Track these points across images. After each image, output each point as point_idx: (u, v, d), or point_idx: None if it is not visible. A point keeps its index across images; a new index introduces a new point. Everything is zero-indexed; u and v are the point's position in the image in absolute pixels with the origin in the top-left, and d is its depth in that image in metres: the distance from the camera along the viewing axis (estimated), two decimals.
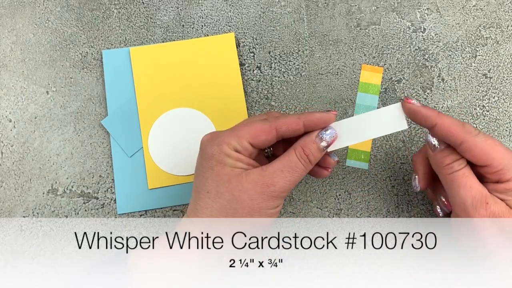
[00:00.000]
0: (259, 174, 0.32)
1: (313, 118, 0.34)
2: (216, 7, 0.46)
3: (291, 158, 0.33)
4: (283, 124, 0.33)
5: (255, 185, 0.32)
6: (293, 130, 0.34)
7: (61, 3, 0.47)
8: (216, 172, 0.33)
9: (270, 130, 0.33)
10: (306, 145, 0.34)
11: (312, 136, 0.34)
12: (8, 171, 0.43)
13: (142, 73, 0.45)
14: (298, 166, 0.33)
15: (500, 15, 0.46)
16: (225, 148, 0.33)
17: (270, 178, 0.32)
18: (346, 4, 0.46)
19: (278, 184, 0.32)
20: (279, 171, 0.33)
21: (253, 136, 0.33)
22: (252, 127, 0.33)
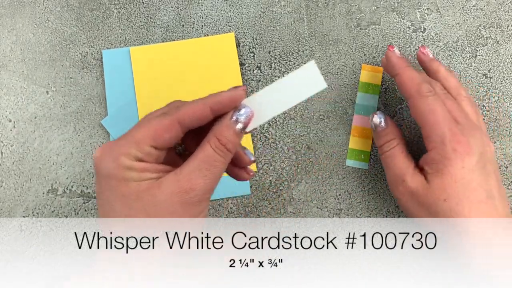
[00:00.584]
0: (173, 181, 0.28)
1: (220, 99, 0.29)
2: (216, 7, 0.46)
3: (207, 153, 0.28)
4: (186, 114, 0.29)
5: (171, 195, 0.27)
6: (199, 119, 0.29)
7: (61, 3, 0.47)
8: (120, 192, 0.27)
9: (172, 125, 0.28)
10: (221, 133, 0.29)
11: (225, 120, 0.29)
12: (8, 171, 0.43)
13: (142, 73, 0.45)
14: (216, 160, 0.28)
15: (500, 15, 0.46)
16: (123, 160, 0.27)
17: (187, 181, 0.27)
18: (346, 4, 0.46)
19: (199, 186, 0.28)
20: (197, 171, 0.28)
21: (153, 138, 0.28)
22: (150, 126, 0.28)
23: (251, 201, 0.42)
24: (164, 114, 0.29)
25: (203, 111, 0.29)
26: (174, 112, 0.29)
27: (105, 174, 0.28)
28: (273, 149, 0.43)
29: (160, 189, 0.27)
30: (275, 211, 0.42)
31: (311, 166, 0.43)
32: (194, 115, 0.29)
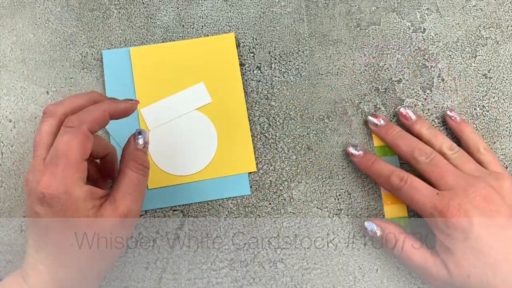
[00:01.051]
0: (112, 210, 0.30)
1: (118, 108, 0.33)
2: (216, 7, 0.47)
3: (131, 177, 0.32)
4: (93, 122, 0.31)
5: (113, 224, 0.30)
6: (101, 124, 0.32)
7: (61, 3, 0.47)
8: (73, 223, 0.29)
9: (88, 136, 0.30)
10: (135, 156, 0.33)
11: (132, 145, 0.33)
12: (8, 171, 0.43)
13: (142, 73, 0.45)
14: (140, 180, 0.32)
15: (500, 15, 0.46)
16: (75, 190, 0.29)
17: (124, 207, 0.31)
18: (346, 4, 0.46)
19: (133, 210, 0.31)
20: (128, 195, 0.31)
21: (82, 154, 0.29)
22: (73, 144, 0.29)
23: (251, 201, 0.43)
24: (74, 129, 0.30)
25: (104, 118, 0.32)
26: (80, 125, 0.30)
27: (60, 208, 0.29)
28: (273, 149, 0.43)
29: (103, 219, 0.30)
30: (275, 211, 0.42)
31: (311, 166, 0.43)
32: (99, 123, 0.31)
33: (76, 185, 0.29)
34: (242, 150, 0.43)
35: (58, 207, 0.29)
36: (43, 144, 0.30)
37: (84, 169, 0.30)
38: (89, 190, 0.30)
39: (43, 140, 0.30)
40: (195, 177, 0.43)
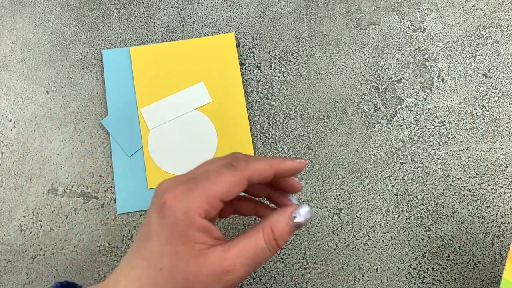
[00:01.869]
0: (219, 258, 0.28)
1: (284, 167, 0.30)
2: (216, 7, 0.47)
3: (258, 244, 0.28)
4: (254, 172, 0.29)
5: (212, 271, 0.27)
6: (263, 179, 0.30)
7: (61, 3, 0.47)
8: (174, 249, 0.28)
9: (242, 182, 0.29)
10: (276, 227, 0.29)
11: (285, 215, 0.30)
12: (8, 171, 0.43)
13: (142, 73, 0.45)
14: (264, 253, 0.29)
15: (500, 15, 0.46)
16: (194, 217, 0.28)
17: (231, 264, 0.28)
18: (346, 4, 0.46)
19: (238, 273, 0.28)
20: (243, 258, 0.28)
21: (225, 194, 0.28)
22: (222, 181, 0.28)
23: None
24: (234, 168, 0.29)
25: (269, 173, 0.30)
26: (244, 168, 0.29)
27: (171, 223, 0.28)
28: (273, 149, 0.43)
29: (205, 262, 0.28)
30: None
31: (311, 166, 0.43)
32: (260, 174, 0.29)
33: (198, 214, 0.28)
34: (242, 149, 0.43)
35: (169, 221, 0.28)
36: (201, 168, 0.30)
37: (217, 207, 0.28)
38: (208, 226, 0.28)
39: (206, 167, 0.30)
40: None
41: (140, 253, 0.29)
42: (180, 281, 0.27)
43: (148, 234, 0.28)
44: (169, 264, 0.27)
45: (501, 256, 0.41)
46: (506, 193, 0.42)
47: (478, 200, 0.42)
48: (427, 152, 0.43)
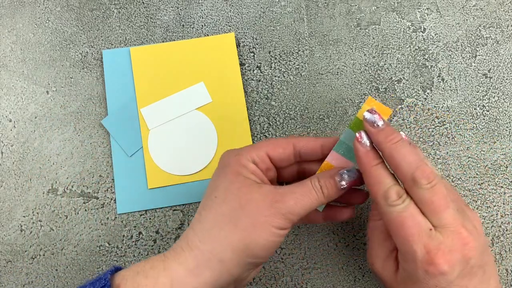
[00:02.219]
0: (271, 189, 0.31)
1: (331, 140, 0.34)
2: (216, 7, 0.47)
3: (305, 184, 0.32)
4: (300, 141, 0.34)
5: (265, 197, 0.31)
6: (310, 148, 0.34)
7: (61, 3, 0.47)
8: (228, 179, 0.32)
9: (288, 143, 0.34)
10: (322, 176, 0.32)
11: (332, 171, 0.33)
12: (8, 171, 0.43)
13: (142, 73, 0.45)
14: (310, 193, 0.32)
15: (500, 15, 0.46)
16: (243, 158, 0.33)
17: (281, 195, 0.31)
18: (346, 4, 0.46)
19: (288, 203, 0.31)
20: (291, 192, 0.31)
21: (271, 149, 0.33)
22: (270, 140, 0.34)
23: None
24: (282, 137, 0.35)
25: (315, 145, 0.34)
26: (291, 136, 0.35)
27: (224, 164, 0.33)
28: None
29: (258, 189, 0.31)
30: None
31: None
32: (306, 144, 0.34)
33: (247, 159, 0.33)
34: None
35: (223, 163, 0.33)
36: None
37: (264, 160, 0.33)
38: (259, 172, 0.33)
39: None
40: (195, 177, 0.43)
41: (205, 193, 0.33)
42: (234, 204, 0.31)
43: (211, 180, 0.34)
44: (223, 191, 0.32)
45: (501, 256, 0.41)
46: (506, 193, 0.42)
47: (478, 200, 0.42)
48: (427, 152, 0.43)
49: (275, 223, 0.30)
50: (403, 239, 0.29)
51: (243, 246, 0.30)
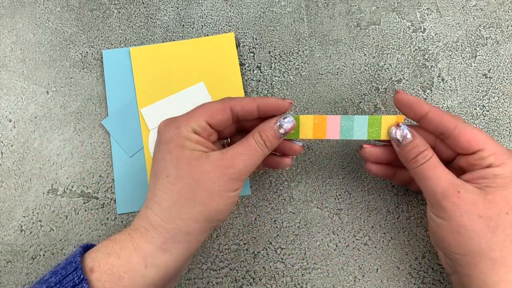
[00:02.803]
0: (219, 157, 0.32)
1: (267, 102, 0.35)
2: (216, 7, 0.47)
3: (249, 142, 0.33)
4: (237, 103, 0.34)
5: (215, 167, 0.32)
6: (247, 111, 0.34)
7: (61, 3, 0.47)
8: (175, 155, 0.32)
9: (225, 109, 0.34)
10: (263, 131, 0.34)
11: (270, 122, 0.34)
12: (8, 171, 0.43)
13: (142, 73, 0.45)
14: (256, 150, 0.33)
15: (500, 15, 0.46)
16: (183, 130, 0.33)
17: (230, 160, 0.32)
18: (346, 4, 0.46)
19: (238, 166, 0.32)
20: (239, 154, 0.33)
21: (209, 116, 0.33)
22: (207, 107, 0.34)
23: (251, 201, 0.42)
24: (218, 101, 0.34)
25: (251, 105, 0.34)
26: (227, 100, 0.34)
27: (166, 138, 0.33)
28: None
29: (207, 160, 0.32)
30: (275, 211, 0.42)
31: (311, 166, 0.43)
32: (243, 106, 0.34)
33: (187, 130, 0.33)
34: None
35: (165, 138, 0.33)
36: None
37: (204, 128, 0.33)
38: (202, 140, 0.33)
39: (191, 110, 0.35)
40: None
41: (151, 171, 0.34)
42: (187, 180, 0.32)
43: (153, 154, 0.34)
44: (173, 169, 0.32)
45: None
46: None
47: None
48: None
49: (229, 188, 0.32)
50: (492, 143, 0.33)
51: (204, 216, 0.32)
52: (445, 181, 0.32)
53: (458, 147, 0.34)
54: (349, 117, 0.35)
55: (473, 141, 0.33)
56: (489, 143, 0.33)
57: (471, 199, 0.32)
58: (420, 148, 0.34)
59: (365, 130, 0.35)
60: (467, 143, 0.33)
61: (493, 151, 0.33)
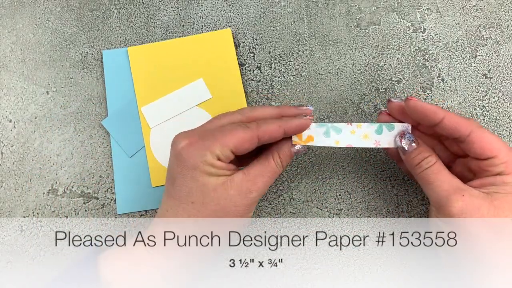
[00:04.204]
0: (242, 180, 0.33)
1: (293, 125, 0.34)
2: (216, 7, 0.47)
3: (270, 163, 0.34)
4: (265, 133, 0.34)
5: (240, 191, 0.33)
6: (274, 138, 0.34)
7: (61, 3, 0.47)
8: (201, 182, 0.32)
9: (253, 139, 0.33)
10: (283, 153, 0.35)
11: (288, 144, 0.35)
12: (8, 171, 0.43)
13: (141, 72, 0.45)
14: (275, 171, 0.34)
15: (500, 15, 0.46)
16: (208, 157, 0.32)
17: (252, 183, 0.33)
18: (346, 4, 0.46)
19: (260, 189, 0.33)
20: (260, 176, 0.34)
21: (236, 146, 0.33)
22: (235, 135, 0.33)
23: None
24: (247, 127, 0.33)
25: (278, 132, 0.34)
26: (255, 128, 0.33)
27: (191, 165, 0.32)
28: None
29: (232, 184, 0.33)
30: (275, 211, 0.42)
31: (311, 166, 0.43)
32: (271, 134, 0.34)
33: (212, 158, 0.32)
34: None
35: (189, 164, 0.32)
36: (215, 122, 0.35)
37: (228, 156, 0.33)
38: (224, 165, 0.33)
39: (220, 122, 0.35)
40: None
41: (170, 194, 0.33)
42: (213, 207, 0.32)
43: (173, 177, 0.33)
44: (200, 195, 0.32)
45: None
46: None
47: None
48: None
49: (250, 210, 0.34)
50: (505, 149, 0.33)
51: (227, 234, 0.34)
52: (449, 185, 0.33)
53: (472, 152, 0.33)
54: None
55: (487, 148, 0.33)
56: (502, 151, 0.33)
57: (476, 203, 0.32)
58: (424, 154, 0.34)
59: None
60: (481, 150, 0.33)
61: (505, 159, 0.33)
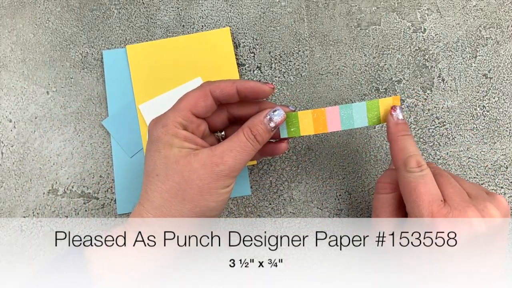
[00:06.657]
0: (208, 154, 0.32)
1: (246, 85, 0.34)
2: (216, 7, 0.46)
3: (240, 138, 0.33)
4: (216, 87, 0.34)
5: (204, 165, 0.32)
6: (227, 94, 0.34)
7: (61, 3, 0.47)
8: (163, 154, 0.32)
9: (206, 95, 0.34)
10: (253, 126, 0.34)
11: (260, 116, 0.34)
12: (9, 171, 0.43)
13: (139, 70, 0.45)
14: (246, 146, 0.33)
15: (500, 15, 0.46)
16: (170, 128, 0.33)
17: (219, 157, 0.32)
18: (346, 5, 0.46)
19: (228, 163, 0.32)
20: (228, 151, 0.32)
21: (192, 106, 0.33)
22: (188, 97, 0.34)
23: (251, 201, 0.43)
24: (198, 88, 0.34)
25: (230, 88, 0.34)
26: (206, 85, 0.34)
27: (154, 137, 0.33)
28: None
29: (196, 158, 0.32)
30: (275, 211, 0.42)
31: (311, 166, 0.43)
32: (223, 89, 0.34)
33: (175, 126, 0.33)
34: None
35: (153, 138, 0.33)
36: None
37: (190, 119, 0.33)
38: (190, 136, 0.33)
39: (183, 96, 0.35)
40: None
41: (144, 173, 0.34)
42: (176, 178, 0.32)
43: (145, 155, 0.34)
44: (162, 168, 0.32)
45: None
46: (506, 194, 0.42)
47: None
48: (427, 152, 0.43)
49: (219, 185, 0.32)
50: (413, 203, 0.32)
51: (195, 214, 0.32)
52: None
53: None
54: (347, 106, 0.35)
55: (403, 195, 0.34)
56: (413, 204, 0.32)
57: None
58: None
59: (365, 116, 0.35)
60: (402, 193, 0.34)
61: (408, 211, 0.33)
